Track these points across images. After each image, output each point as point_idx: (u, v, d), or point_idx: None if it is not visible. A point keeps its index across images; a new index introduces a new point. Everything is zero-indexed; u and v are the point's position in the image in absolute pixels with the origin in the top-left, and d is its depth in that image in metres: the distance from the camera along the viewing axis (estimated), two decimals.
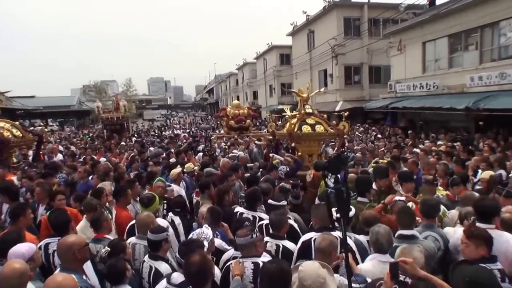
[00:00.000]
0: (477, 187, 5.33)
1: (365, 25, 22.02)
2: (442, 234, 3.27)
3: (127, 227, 3.92)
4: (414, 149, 9.10)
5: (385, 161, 6.98)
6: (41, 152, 9.47)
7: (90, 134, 21.47)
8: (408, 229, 3.07)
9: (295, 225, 3.68)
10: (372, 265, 2.75)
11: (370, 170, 6.60)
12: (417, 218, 3.41)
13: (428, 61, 16.19)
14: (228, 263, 2.84)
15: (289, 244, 3.18)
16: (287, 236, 3.31)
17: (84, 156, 9.62)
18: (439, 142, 11.26)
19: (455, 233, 3.22)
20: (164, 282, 2.48)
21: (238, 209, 4.17)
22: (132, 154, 9.53)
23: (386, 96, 18.50)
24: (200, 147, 11.09)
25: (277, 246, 3.14)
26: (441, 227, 3.56)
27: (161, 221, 3.70)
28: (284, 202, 3.93)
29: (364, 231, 3.36)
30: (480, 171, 6.07)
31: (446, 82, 14.46)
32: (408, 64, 17.09)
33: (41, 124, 29.46)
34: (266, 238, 3.21)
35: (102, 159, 8.62)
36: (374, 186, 4.62)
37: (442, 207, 3.84)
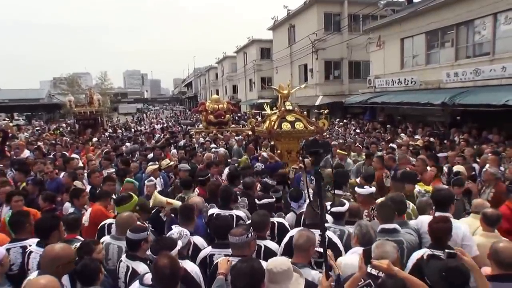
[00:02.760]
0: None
1: (345, 21, 22.18)
2: (415, 228, 3.38)
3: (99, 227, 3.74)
4: (391, 144, 9.22)
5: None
6: (6, 148, 8.95)
7: (61, 129, 20.53)
8: (390, 223, 3.11)
9: (286, 223, 3.67)
10: (355, 259, 2.71)
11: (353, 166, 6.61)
12: None
13: (406, 57, 16.48)
14: (217, 261, 2.76)
15: (271, 244, 3.12)
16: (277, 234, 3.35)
17: (54, 153, 9.11)
18: (416, 137, 11.48)
19: (418, 218, 3.52)
20: (136, 283, 2.39)
21: (213, 210, 3.99)
22: (106, 150, 9.12)
23: (365, 91, 18.73)
24: (181, 142, 10.77)
25: (259, 246, 3.04)
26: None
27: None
28: (273, 199, 3.90)
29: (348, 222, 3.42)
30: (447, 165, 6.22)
31: (424, 77, 14.76)
32: (387, 59, 17.34)
33: (6, 118, 28.03)
34: None
35: (74, 156, 8.21)
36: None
37: (411, 204, 3.97)
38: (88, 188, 5.39)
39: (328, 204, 3.50)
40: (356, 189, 4.14)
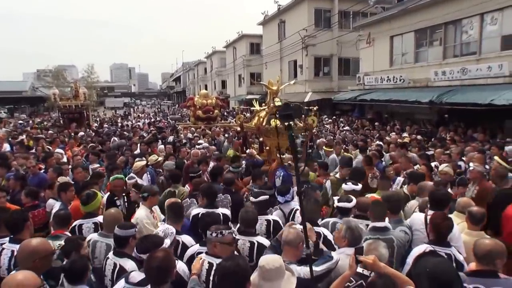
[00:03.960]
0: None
1: (335, 17, 22.19)
2: (409, 226, 3.44)
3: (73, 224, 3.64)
4: (377, 142, 9.26)
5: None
6: None
7: (45, 123, 19.98)
8: (381, 221, 3.13)
9: (280, 221, 3.64)
10: (341, 259, 2.73)
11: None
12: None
13: (395, 55, 16.59)
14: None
15: (263, 240, 3.12)
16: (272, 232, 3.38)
17: (35, 147, 8.83)
18: (404, 134, 11.58)
19: (411, 215, 3.65)
20: (122, 281, 2.39)
21: (197, 210, 3.87)
22: (93, 145, 8.89)
23: (355, 88, 18.82)
24: (170, 138, 10.60)
25: (251, 243, 3.06)
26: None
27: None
28: (267, 196, 3.85)
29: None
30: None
31: (412, 76, 14.88)
32: (377, 57, 17.43)
33: None
34: (237, 236, 3.07)
35: (59, 150, 7.97)
36: None
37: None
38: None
39: (335, 198, 3.63)
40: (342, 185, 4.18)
